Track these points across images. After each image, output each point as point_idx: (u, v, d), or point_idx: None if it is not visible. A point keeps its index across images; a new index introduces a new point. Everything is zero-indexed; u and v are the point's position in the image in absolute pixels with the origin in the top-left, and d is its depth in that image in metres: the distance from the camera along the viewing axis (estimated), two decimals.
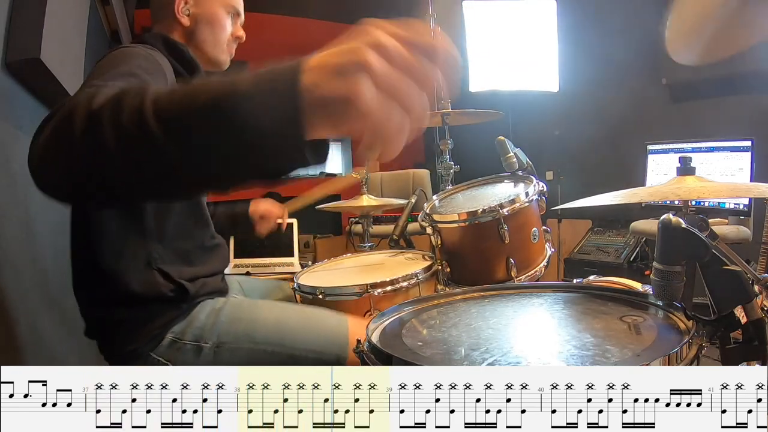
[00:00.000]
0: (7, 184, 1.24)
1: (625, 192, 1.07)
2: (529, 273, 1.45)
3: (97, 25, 2.31)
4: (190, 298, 1.17)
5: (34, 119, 1.50)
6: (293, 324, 1.21)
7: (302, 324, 1.22)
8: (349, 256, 1.88)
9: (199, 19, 1.28)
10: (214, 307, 1.21)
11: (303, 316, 1.26)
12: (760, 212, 2.50)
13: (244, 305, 1.26)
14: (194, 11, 1.27)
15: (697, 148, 2.83)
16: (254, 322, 1.19)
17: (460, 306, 1.03)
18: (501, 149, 1.61)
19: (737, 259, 0.79)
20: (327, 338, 1.19)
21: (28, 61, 1.28)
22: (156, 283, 1.13)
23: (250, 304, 1.29)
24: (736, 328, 0.76)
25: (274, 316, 1.22)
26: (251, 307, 1.26)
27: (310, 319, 1.25)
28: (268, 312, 1.23)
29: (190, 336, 1.15)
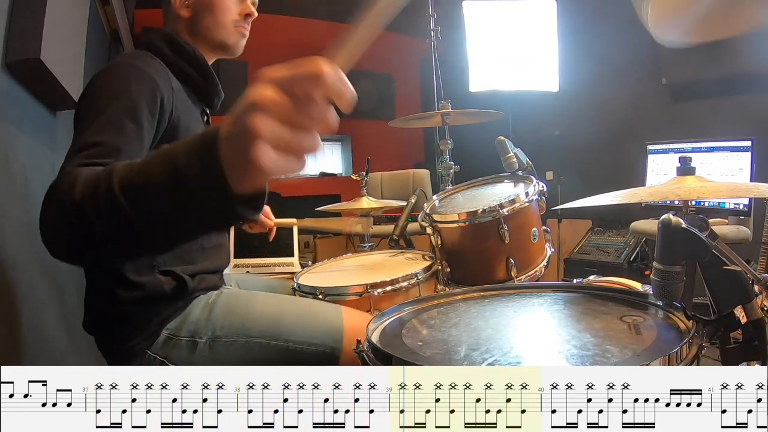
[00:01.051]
0: (7, 184, 1.24)
1: (625, 192, 1.07)
2: (529, 273, 1.45)
3: (97, 25, 2.31)
4: (188, 293, 1.18)
5: (34, 119, 1.50)
6: (288, 316, 1.21)
7: (297, 316, 1.22)
8: (349, 256, 1.88)
9: (197, 7, 1.25)
10: (207, 302, 1.21)
11: (298, 308, 1.26)
12: (760, 212, 2.50)
13: (239, 297, 1.26)
14: (192, 0, 1.25)
15: (697, 148, 2.83)
16: (249, 315, 1.19)
17: (460, 306, 1.03)
18: (501, 149, 1.61)
19: (737, 259, 0.79)
20: (322, 329, 1.19)
21: (28, 61, 1.28)
22: (158, 282, 1.13)
23: (245, 296, 1.29)
24: (736, 328, 0.76)
25: (269, 309, 1.22)
26: (246, 299, 1.26)
27: (305, 310, 1.25)
28: (262, 305, 1.23)
29: (185, 332, 1.15)
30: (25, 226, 1.32)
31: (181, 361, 1.13)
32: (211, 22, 1.26)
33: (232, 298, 1.24)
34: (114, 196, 0.61)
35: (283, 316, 1.20)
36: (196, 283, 1.20)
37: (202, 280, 1.22)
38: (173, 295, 1.15)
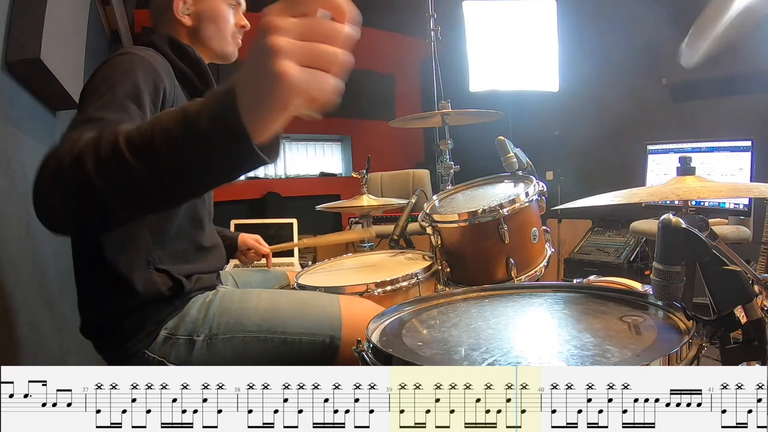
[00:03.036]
0: (7, 184, 1.24)
1: (625, 192, 1.07)
2: (529, 273, 1.45)
3: (97, 25, 2.31)
4: (185, 293, 1.18)
5: (34, 119, 1.50)
6: (284, 308, 1.21)
7: (293, 308, 1.22)
8: (349, 256, 1.88)
9: (201, 16, 1.28)
10: (204, 301, 1.21)
11: (294, 299, 1.26)
12: (760, 212, 2.50)
13: (234, 295, 1.27)
14: (194, 9, 1.28)
15: (697, 148, 2.83)
16: (245, 310, 1.20)
17: (460, 306, 1.03)
18: (501, 149, 1.61)
19: (737, 259, 0.79)
20: (319, 320, 1.19)
21: (28, 61, 1.28)
22: (154, 281, 1.14)
23: (241, 294, 1.29)
24: (736, 328, 0.76)
25: (264, 303, 1.22)
26: (242, 296, 1.27)
27: (301, 302, 1.25)
28: (258, 299, 1.23)
29: (182, 331, 1.15)
30: (25, 226, 1.32)
31: (180, 360, 1.13)
32: (214, 32, 1.30)
33: (228, 296, 1.25)
34: (118, 148, 0.60)
35: (278, 309, 1.21)
36: (193, 284, 1.20)
37: (198, 279, 1.23)
38: (170, 296, 1.16)
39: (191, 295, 1.21)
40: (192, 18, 1.28)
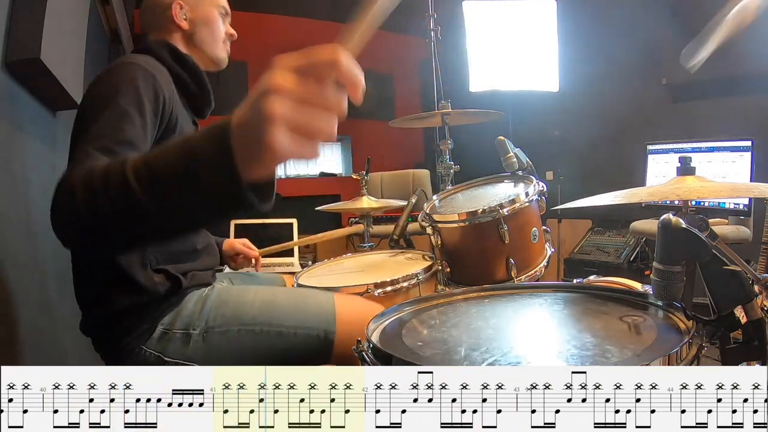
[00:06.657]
0: (7, 184, 1.24)
1: (625, 192, 1.07)
2: (529, 273, 1.45)
3: (97, 25, 2.31)
4: (182, 290, 1.20)
5: (34, 119, 1.50)
6: (280, 302, 1.23)
7: (289, 302, 1.24)
8: (349, 256, 1.88)
9: (197, 21, 1.33)
10: (201, 296, 1.23)
11: (289, 294, 1.29)
12: (760, 212, 2.50)
13: (231, 290, 1.29)
14: (191, 15, 1.33)
15: (697, 148, 2.83)
16: (241, 304, 1.22)
17: (460, 306, 1.03)
18: (501, 149, 1.61)
19: (737, 259, 0.79)
20: (314, 314, 1.21)
21: (28, 61, 1.28)
22: (153, 280, 1.15)
23: (237, 288, 1.32)
24: (736, 328, 0.76)
25: (260, 298, 1.24)
26: (238, 290, 1.29)
27: (297, 296, 1.28)
28: (254, 294, 1.25)
29: (179, 325, 1.17)
30: (25, 225, 1.32)
31: (176, 354, 1.15)
32: (208, 36, 1.35)
33: (225, 291, 1.27)
34: (125, 178, 0.62)
35: (274, 303, 1.23)
36: (189, 281, 1.22)
37: (195, 276, 1.25)
38: (168, 293, 1.17)
39: (188, 291, 1.22)
40: (189, 23, 1.33)
